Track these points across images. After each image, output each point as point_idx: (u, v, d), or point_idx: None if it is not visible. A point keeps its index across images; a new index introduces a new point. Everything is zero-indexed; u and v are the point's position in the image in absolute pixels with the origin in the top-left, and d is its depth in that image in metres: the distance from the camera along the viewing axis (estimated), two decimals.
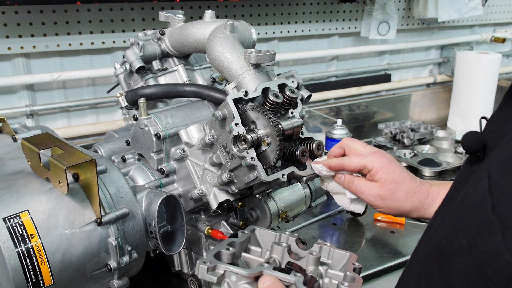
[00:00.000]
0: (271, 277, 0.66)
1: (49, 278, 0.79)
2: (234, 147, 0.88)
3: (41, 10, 1.67)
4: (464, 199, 0.57)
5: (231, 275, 0.66)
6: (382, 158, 0.90)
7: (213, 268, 0.67)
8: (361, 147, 0.94)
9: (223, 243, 0.74)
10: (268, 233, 0.80)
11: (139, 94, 1.12)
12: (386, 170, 0.89)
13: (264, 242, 0.80)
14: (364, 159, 0.90)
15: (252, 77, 0.94)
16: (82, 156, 0.80)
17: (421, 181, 0.92)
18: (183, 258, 1.13)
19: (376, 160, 0.89)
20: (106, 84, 1.88)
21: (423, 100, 2.71)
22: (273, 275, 0.66)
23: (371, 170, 0.89)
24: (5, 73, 1.72)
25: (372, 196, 0.89)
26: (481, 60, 2.30)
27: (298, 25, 2.26)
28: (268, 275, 0.66)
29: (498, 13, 2.92)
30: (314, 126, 2.26)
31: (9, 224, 0.77)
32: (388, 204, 0.89)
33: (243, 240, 0.76)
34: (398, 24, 2.45)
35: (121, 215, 0.87)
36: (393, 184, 0.88)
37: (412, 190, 0.89)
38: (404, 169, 0.92)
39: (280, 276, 0.66)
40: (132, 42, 1.19)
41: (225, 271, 0.67)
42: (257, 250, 0.78)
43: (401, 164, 0.95)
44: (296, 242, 0.79)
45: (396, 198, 0.89)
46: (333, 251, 0.79)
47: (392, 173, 0.89)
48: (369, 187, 0.89)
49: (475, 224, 0.52)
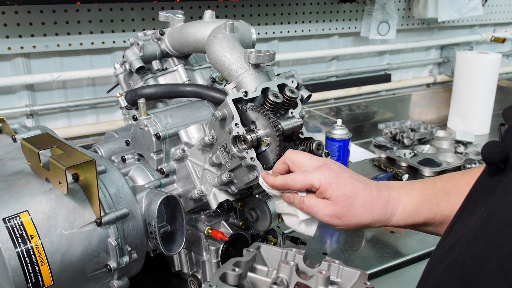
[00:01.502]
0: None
1: (49, 278, 0.79)
2: (234, 147, 0.88)
3: (41, 10, 1.67)
4: (492, 216, 0.54)
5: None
6: (328, 172, 0.81)
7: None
8: (306, 160, 0.84)
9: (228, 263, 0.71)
10: (274, 250, 0.77)
11: (139, 94, 1.12)
12: (336, 185, 0.80)
13: (270, 260, 0.77)
14: (309, 176, 0.81)
15: (252, 77, 0.94)
16: (82, 157, 0.80)
17: (378, 188, 0.83)
18: (183, 258, 1.13)
19: (323, 176, 0.80)
20: (106, 84, 1.88)
21: (423, 100, 2.71)
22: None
23: (319, 188, 0.80)
24: (5, 73, 1.72)
25: (327, 216, 0.81)
26: (481, 60, 2.30)
27: (298, 25, 2.26)
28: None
29: (498, 13, 2.92)
30: (314, 126, 2.26)
31: (9, 225, 0.77)
32: (346, 221, 0.81)
33: (249, 259, 0.74)
34: (398, 24, 2.45)
35: (121, 215, 0.87)
36: (347, 200, 0.80)
37: (369, 201, 0.81)
38: (356, 178, 0.83)
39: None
40: (132, 42, 1.19)
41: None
42: (263, 269, 0.75)
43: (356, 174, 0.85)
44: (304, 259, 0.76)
45: (353, 213, 0.81)
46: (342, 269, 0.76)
47: (343, 187, 0.80)
48: (321, 206, 0.81)
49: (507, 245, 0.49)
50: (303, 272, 0.75)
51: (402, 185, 0.85)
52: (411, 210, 0.82)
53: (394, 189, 0.84)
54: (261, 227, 1.08)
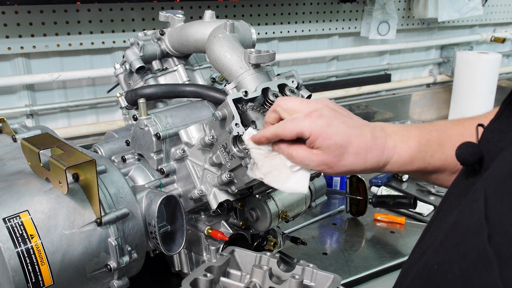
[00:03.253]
0: None
1: (49, 278, 0.79)
2: (234, 147, 0.88)
3: (41, 10, 1.67)
4: (459, 222, 0.52)
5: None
6: (319, 120, 0.75)
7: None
8: (297, 106, 0.78)
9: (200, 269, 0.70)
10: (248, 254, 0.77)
11: (139, 94, 1.12)
12: (326, 135, 0.74)
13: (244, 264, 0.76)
14: (299, 124, 0.75)
15: (252, 77, 0.94)
16: (82, 156, 0.80)
17: (373, 135, 0.78)
18: (183, 258, 1.13)
19: (313, 124, 0.75)
20: (106, 84, 1.88)
21: (423, 100, 2.71)
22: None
23: (309, 137, 0.75)
24: (5, 73, 1.71)
25: (317, 165, 0.76)
26: (481, 60, 2.30)
27: (298, 25, 2.26)
28: None
29: (498, 13, 2.91)
30: None
31: (9, 225, 0.77)
32: (337, 170, 0.77)
33: (222, 264, 0.73)
34: (398, 24, 2.45)
35: (121, 215, 0.87)
36: (338, 149, 0.75)
37: (363, 150, 0.76)
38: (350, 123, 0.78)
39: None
40: (132, 42, 1.19)
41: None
42: (236, 273, 0.74)
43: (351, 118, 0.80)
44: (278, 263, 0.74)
45: (345, 163, 0.76)
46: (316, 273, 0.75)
47: (334, 136, 0.75)
48: (310, 156, 0.76)
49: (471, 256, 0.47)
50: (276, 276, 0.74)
51: (399, 131, 0.80)
52: (405, 160, 0.78)
53: (390, 136, 0.79)
54: (261, 227, 1.08)
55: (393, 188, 1.74)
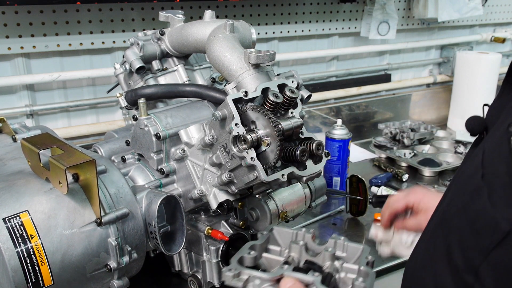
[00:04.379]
0: (291, 278, 0.70)
1: (49, 278, 0.79)
2: (234, 147, 0.88)
3: (41, 10, 1.67)
4: (463, 172, 0.67)
5: (254, 279, 0.71)
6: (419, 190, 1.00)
7: (238, 274, 0.72)
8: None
9: (244, 248, 0.78)
10: (285, 231, 0.83)
11: (139, 94, 1.12)
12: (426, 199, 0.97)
13: (282, 240, 0.84)
14: (405, 197, 0.99)
15: (252, 77, 0.94)
16: (82, 156, 0.80)
17: None
18: (183, 258, 1.13)
19: (414, 194, 0.99)
20: (106, 84, 1.88)
21: (423, 100, 2.71)
22: (293, 276, 0.71)
23: (414, 205, 0.98)
24: (5, 73, 1.72)
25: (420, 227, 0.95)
26: (481, 60, 2.30)
27: (298, 25, 2.26)
28: (288, 276, 0.70)
29: (498, 13, 2.91)
30: (314, 126, 2.26)
31: (9, 225, 0.77)
32: None
33: (263, 242, 0.80)
34: (398, 24, 2.45)
35: (121, 215, 0.87)
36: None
37: None
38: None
39: (299, 277, 0.70)
40: (132, 42, 1.19)
41: (250, 276, 0.71)
42: (276, 249, 0.82)
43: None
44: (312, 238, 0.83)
45: None
46: (347, 245, 0.81)
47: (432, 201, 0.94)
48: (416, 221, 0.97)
49: (468, 191, 0.61)
50: (311, 250, 0.81)
51: None
52: None
53: None
54: (261, 227, 1.08)
55: (393, 188, 1.74)
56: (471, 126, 0.71)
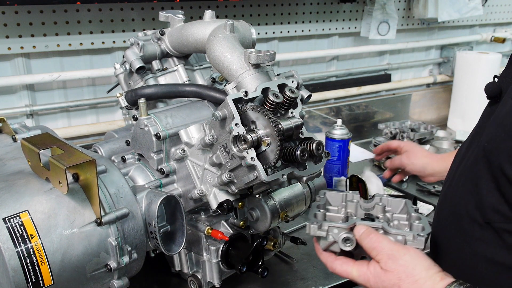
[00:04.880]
0: (363, 225, 0.86)
1: (49, 278, 0.79)
2: (234, 147, 0.88)
3: (41, 10, 1.67)
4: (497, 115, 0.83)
5: (333, 229, 0.88)
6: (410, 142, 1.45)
7: (320, 226, 0.88)
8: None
9: (313, 207, 0.95)
10: (335, 194, 1.00)
11: (139, 94, 1.12)
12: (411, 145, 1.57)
13: (334, 202, 0.99)
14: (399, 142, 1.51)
15: (252, 77, 0.94)
16: (82, 156, 0.80)
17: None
18: (183, 258, 1.13)
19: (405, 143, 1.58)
20: (106, 84, 1.88)
21: (423, 100, 2.71)
22: (365, 224, 0.87)
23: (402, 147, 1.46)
24: (5, 73, 1.72)
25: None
26: (481, 60, 2.30)
27: (298, 25, 2.26)
28: (360, 224, 0.86)
29: (498, 13, 2.91)
30: (314, 126, 2.26)
31: (9, 224, 0.77)
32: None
33: (324, 202, 0.98)
34: (398, 24, 2.45)
35: (121, 215, 0.87)
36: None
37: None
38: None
39: (370, 224, 0.87)
40: (132, 42, 1.19)
41: (329, 227, 0.87)
42: (334, 208, 0.98)
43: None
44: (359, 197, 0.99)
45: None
46: (391, 200, 0.97)
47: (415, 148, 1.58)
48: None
49: (508, 121, 0.78)
50: (362, 206, 0.97)
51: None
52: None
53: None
54: (261, 227, 1.08)
55: (393, 188, 1.74)
56: (490, 90, 0.89)
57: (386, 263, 0.80)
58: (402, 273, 0.79)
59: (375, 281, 0.82)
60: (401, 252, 0.81)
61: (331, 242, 0.89)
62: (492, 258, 0.82)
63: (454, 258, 0.90)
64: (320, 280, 1.20)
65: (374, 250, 0.82)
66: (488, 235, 0.82)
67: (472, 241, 0.85)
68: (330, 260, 0.90)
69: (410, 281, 0.78)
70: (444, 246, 0.93)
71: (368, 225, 0.86)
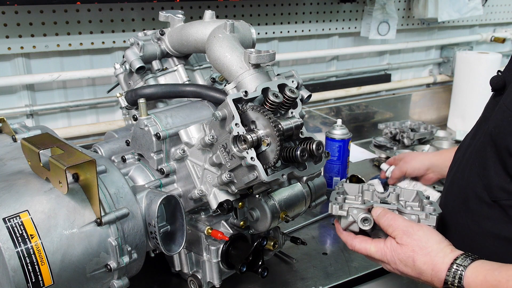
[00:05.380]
0: (380, 207, 0.96)
1: (49, 278, 0.79)
2: (234, 147, 0.88)
3: (41, 10, 1.67)
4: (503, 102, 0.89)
5: (353, 210, 0.98)
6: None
7: (341, 206, 0.98)
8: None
9: (333, 193, 1.03)
10: (353, 185, 1.09)
11: (139, 94, 1.12)
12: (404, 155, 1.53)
13: (350, 192, 1.09)
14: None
15: (252, 77, 0.94)
16: (82, 156, 0.80)
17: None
18: (183, 258, 1.13)
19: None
20: (106, 84, 1.88)
21: (423, 100, 2.71)
22: (381, 205, 0.97)
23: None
24: (5, 73, 1.72)
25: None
26: (481, 60, 2.30)
27: (298, 25, 2.26)
28: (377, 206, 0.96)
29: (498, 13, 2.92)
30: (314, 126, 2.26)
31: (9, 224, 0.77)
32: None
33: (343, 190, 1.07)
34: (398, 24, 2.45)
35: (121, 215, 0.87)
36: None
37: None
38: None
39: (386, 206, 0.97)
40: (132, 42, 1.19)
41: (349, 207, 0.98)
42: (351, 197, 1.06)
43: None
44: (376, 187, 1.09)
45: None
46: (404, 190, 1.07)
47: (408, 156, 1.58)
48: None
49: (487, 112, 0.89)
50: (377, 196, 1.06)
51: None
52: None
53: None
54: (261, 227, 1.08)
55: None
56: (495, 82, 0.96)
57: (401, 238, 0.89)
58: (416, 246, 0.87)
59: (391, 254, 0.91)
60: (415, 228, 0.89)
61: (351, 221, 0.98)
62: (499, 233, 0.89)
63: (462, 237, 0.96)
64: (320, 280, 1.20)
65: (390, 227, 0.91)
66: (495, 213, 0.89)
67: (480, 220, 0.92)
68: (349, 238, 0.99)
69: (423, 253, 0.86)
70: (453, 227, 0.99)
71: (384, 207, 0.96)
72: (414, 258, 0.87)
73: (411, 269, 0.88)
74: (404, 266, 0.89)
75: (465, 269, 0.81)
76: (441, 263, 0.84)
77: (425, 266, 0.86)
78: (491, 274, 0.78)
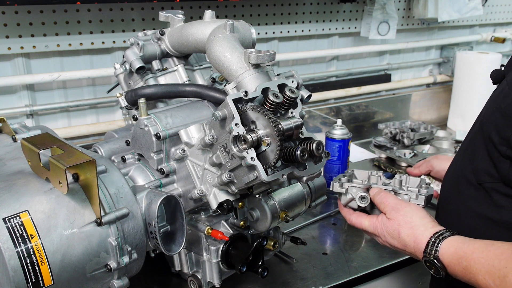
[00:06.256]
0: (377, 187, 1.08)
1: (49, 278, 0.79)
2: (234, 147, 0.88)
3: (41, 10, 1.67)
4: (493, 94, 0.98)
5: (352, 189, 1.10)
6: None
7: (341, 184, 1.11)
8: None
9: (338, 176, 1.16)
10: (362, 172, 1.20)
11: (139, 94, 1.12)
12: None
13: (359, 176, 1.20)
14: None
15: (252, 77, 0.94)
16: (82, 156, 0.80)
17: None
18: (183, 258, 1.13)
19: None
20: (106, 84, 1.88)
21: (423, 100, 2.71)
22: (379, 186, 1.10)
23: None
24: (5, 73, 1.72)
25: None
26: (481, 60, 2.30)
27: (298, 25, 2.26)
28: (375, 187, 1.09)
29: (498, 13, 2.92)
30: (314, 126, 2.26)
31: (9, 224, 0.77)
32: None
33: (350, 174, 1.18)
34: (398, 24, 2.45)
35: (121, 215, 0.87)
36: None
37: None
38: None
39: (382, 186, 1.10)
40: (132, 42, 1.19)
41: (349, 186, 1.10)
42: (358, 181, 1.18)
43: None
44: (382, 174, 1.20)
45: None
46: (408, 178, 1.17)
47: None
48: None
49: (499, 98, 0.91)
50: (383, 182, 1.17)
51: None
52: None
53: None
54: (261, 227, 1.08)
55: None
56: (496, 76, 1.01)
57: (390, 213, 1.01)
58: (402, 221, 0.98)
59: (381, 227, 1.02)
60: (403, 205, 1.01)
61: (350, 199, 1.10)
62: (483, 214, 0.96)
63: (454, 217, 1.04)
64: (320, 280, 1.20)
65: (382, 204, 1.04)
66: (481, 195, 0.96)
67: (467, 201, 0.99)
68: (348, 213, 1.12)
69: (407, 227, 0.97)
70: (446, 207, 1.08)
71: (381, 187, 1.08)
72: (399, 231, 0.98)
73: (397, 241, 0.99)
74: (391, 238, 1.00)
75: (441, 242, 0.90)
76: (422, 236, 0.94)
77: (408, 238, 0.96)
78: (461, 247, 0.88)
